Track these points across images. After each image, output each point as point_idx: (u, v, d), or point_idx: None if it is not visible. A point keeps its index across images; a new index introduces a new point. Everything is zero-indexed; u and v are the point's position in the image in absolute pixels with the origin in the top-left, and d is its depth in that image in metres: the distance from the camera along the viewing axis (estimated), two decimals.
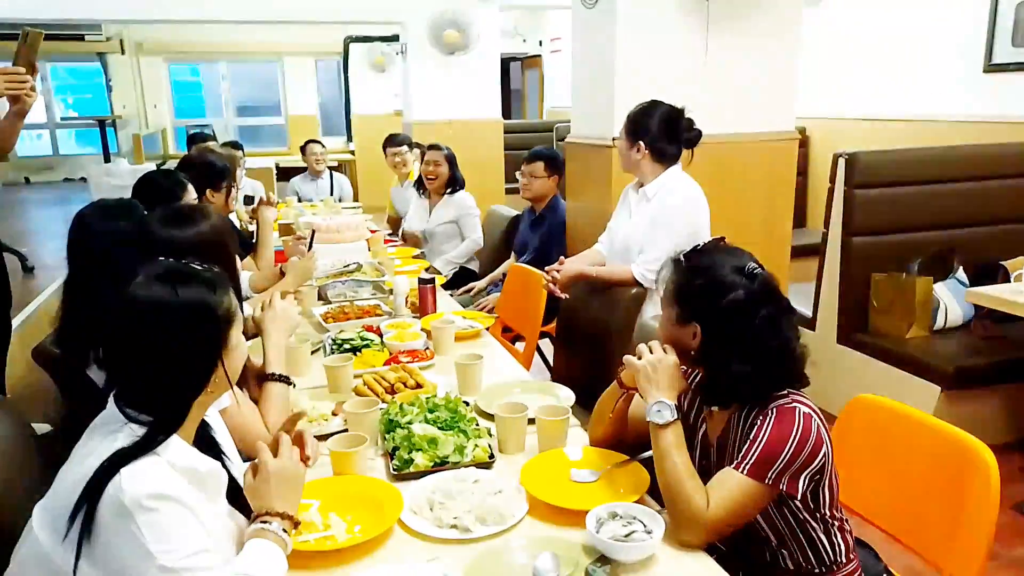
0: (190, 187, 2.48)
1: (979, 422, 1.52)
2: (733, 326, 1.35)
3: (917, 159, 3.40)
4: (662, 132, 2.48)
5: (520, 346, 3.11)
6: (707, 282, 1.38)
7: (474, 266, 4.19)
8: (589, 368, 2.53)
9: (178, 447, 1.13)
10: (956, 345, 3.11)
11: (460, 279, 4.04)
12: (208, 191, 2.82)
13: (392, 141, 5.05)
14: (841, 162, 3.25)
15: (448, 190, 4.17)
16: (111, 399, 1.15)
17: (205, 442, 1.27)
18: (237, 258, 1.90)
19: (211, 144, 4.77)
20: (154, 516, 1.03)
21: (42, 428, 2.14)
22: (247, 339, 1.37)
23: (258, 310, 1.74)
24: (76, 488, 1.04)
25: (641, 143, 2.48)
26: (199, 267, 1.19)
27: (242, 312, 1.27)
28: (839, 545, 1.44)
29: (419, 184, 4.31)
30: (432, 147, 4.17)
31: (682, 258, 1.44)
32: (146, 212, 1.95)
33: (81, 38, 9.60)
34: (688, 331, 1.41)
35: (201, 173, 2.79)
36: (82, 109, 11.32)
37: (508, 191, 6.86)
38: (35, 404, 2.87)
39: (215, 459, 1.24)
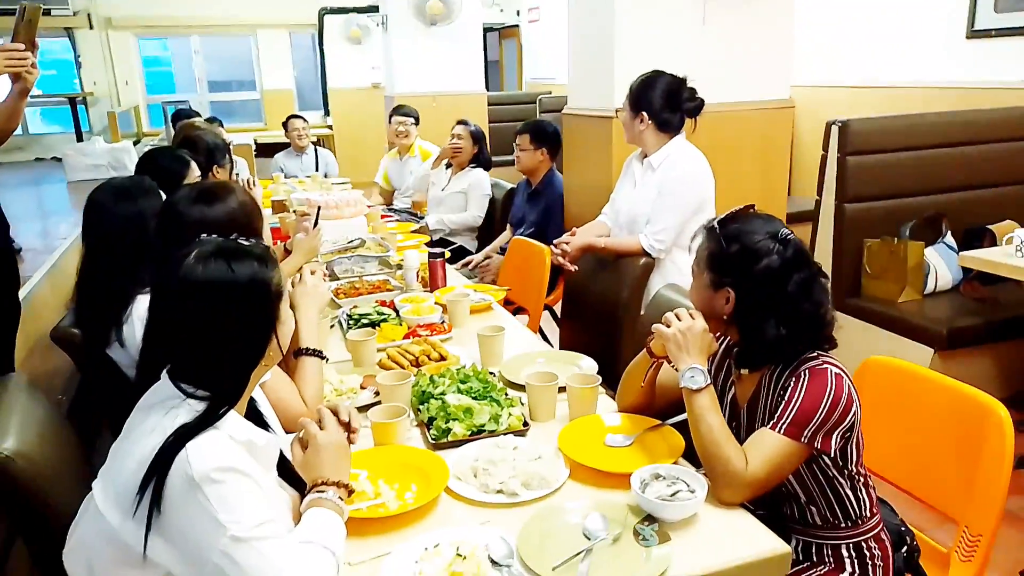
0: (193, 165, 2.46)
1: (972, 381, 1.59)
2: (767, 291, 1.39)
3: (908, 126, 3.46)
4: (664, 102, 2.50)
5: (522, 319, 3.14)
6: (742, 248, 1.42)
7: (472, 246, 4.20)
8: (598, 339, 2.57)
9: (235, 420, 1.15)
10: (947, 307, 3.20)
11: (457, 256, 4.06)
12: (215, 168, 2.80)
13: (399, 110, 5.01)
14: (834, 130, 3.29)
15: (471, 165, 4.20)
16: (165, 375, 1.16)
17: (253, 415, 1.29)
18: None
19: (196, 120, 4.71)
20: (222, 488, 1.05)
21: None
22: None
23: (288, 286, 1.75)
24: (141, 465, 1.05)
25: (644, 114, 2.50)
26: (247, 243, 1.20)
27: None
28: (864, 500, 1.50)
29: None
30: (460, 122, 4.19)
31: (716, 225, 1.48)
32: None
33: (47, 12, 9.28)
34: (721, 296, 1.45)
35: (206, 151, 2.77)
36: (47, 87, 10.99)
37: (496, 164, 6.84)
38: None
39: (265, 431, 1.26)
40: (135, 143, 8.24)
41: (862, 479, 1.50)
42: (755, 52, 3.31)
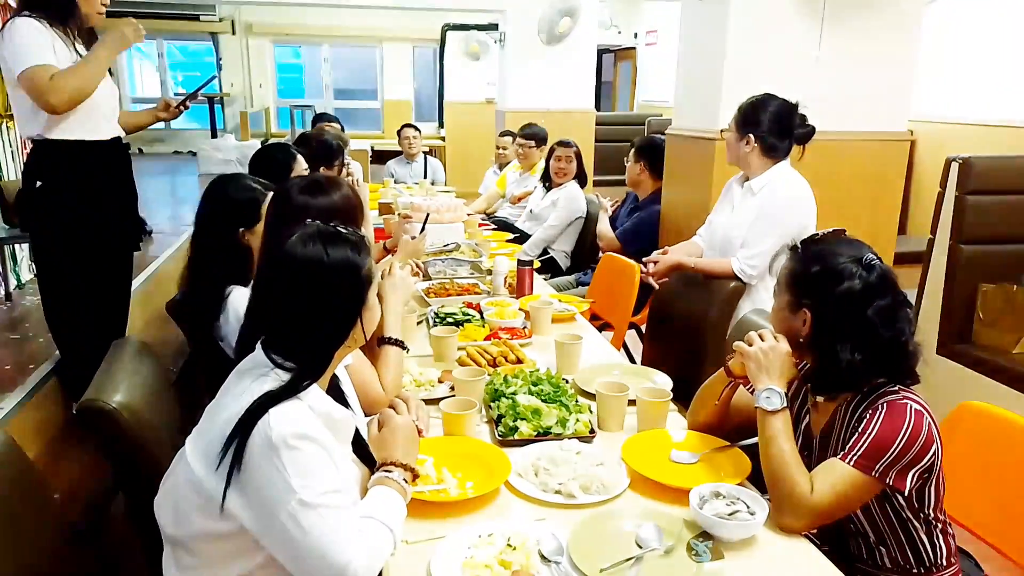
0: (300, 159, 2.63)
1: None
2: (845, 315, 1.36)
3: None
4: (774, 126, 2.45)
5: (607, 335, 3.14)
6: (823, 269, 1.39)
7: (564, 263, 4.23)
8: (680, 359, 2.54)
9: (317, 393, 1.23)
10: None
11: (547, 268, 4.11)
12: (322, 167, 2.98)
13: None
14: (954, 166, 3.14)
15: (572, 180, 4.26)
16: (259, 346, 1.25)
17: (336, 392, 1.37)
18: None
19: (333, 125, 5.02)
20: (297, 454, 1.12)
21: None
22: None
23: (378, 277, 1.84)
24: (229, 424, 1.14)
25: (751, 136, 2.46)
26: (344, 230, 1.28)
27: None
28: (941, 548, 1.43)
29: (545, 176, 4.35)
30: (562, 144, 4.21)
31: (799, 245, 1.46)
32: (262, 182, 2.07)
33: (196, 18, 10.11)
34: (799, 318, 1.43)
35: (317, 150, 2.96)
36: (191, 86, 11.90)
37: (597, 183, 6.87)
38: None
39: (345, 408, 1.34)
40: (263, 142, 8.78)
41: (940, 525, 1.43)
42: (872, 81, 3.20)
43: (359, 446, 1.40)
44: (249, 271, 1.89)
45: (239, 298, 1.83)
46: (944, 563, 1.43)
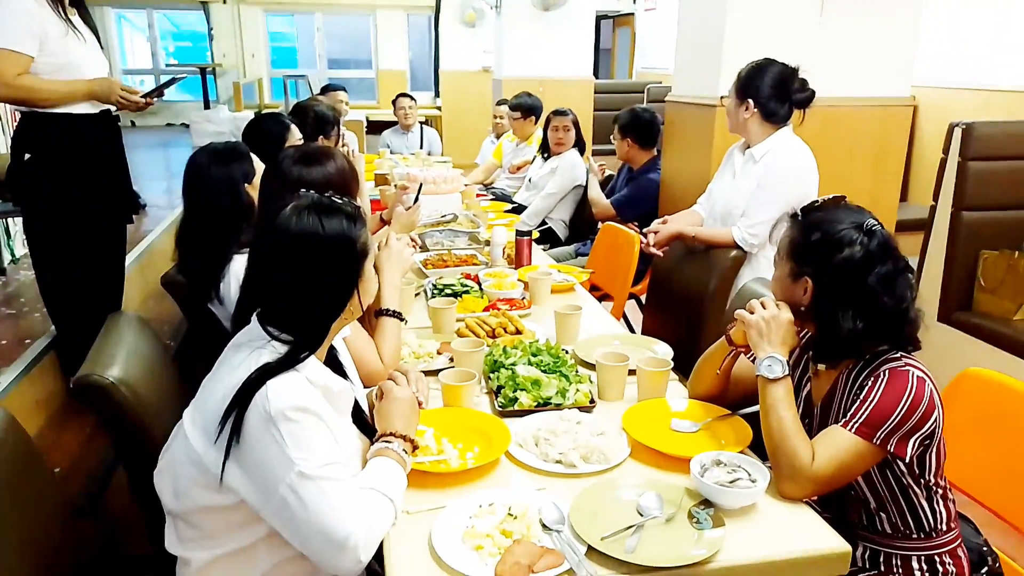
0: (293, 128, 2.61)
1: None
2: (846, 282, 1.35)
3: None
4: (773, 91, 2.41)
5: (607, 305, 3.13)
6: (823, 236, 1.38)
7: (563, 233, 4.19)
8: (680, 328, 2.54)
9: (315, 365, 1.22)
10: None
11: (545, 238, 4.08)
12: (320, 138, 2.94)
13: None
14: (957, 132, 3.10)
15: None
16: (255, 318, 1.24)
17: (333, 364, 1.36)
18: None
19: (339, 95, 4.96)
20: (295, 427, 1.12)
21: None
22: None
23: (374, 249, 1.82)
24: (226, 397, 1.13)
25: (750, 102, 2.43)
26: (340, 201, 1.26)
27: None
28: (941, 513, 1.43)
29: (544, 146, 4.29)
30: (558, 113, 4.15)
31: (799, 213, 1.44)
32: (251, 152, 2.04)
33: None
34: (800, 286, 1.42)
35: (314, 121, 2.92)
36: (181, 57, 11.74)
37: (596, 153, 6.81)
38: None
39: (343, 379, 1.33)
40: (257, 113, 8.68)
41: (940, 491, 1.43)
42: (875, 46, 3.15)
43: (358, 417, 1.40)
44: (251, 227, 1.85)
45: (241, 266, 1.81)
46: (944, 528, 1.44)
